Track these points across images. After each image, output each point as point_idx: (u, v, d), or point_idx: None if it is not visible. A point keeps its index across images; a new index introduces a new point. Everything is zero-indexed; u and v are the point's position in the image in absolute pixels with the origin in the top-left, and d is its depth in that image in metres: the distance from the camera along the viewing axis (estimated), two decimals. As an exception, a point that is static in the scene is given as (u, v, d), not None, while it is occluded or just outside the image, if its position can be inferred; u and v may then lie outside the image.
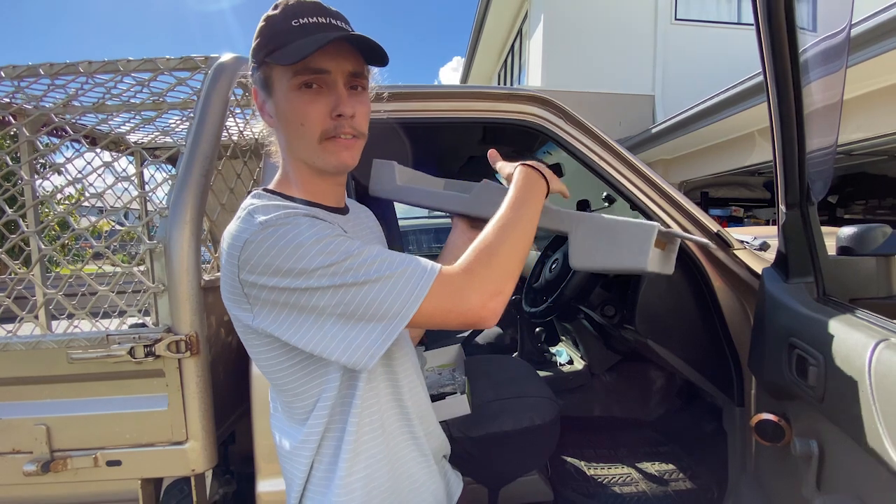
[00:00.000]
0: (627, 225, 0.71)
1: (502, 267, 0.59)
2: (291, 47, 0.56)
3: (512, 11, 8.16)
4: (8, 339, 0.92)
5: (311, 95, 0.59)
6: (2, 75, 1.23)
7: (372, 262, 0.54)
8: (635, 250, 0.70)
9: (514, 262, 0.60)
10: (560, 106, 1.26)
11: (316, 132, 0.60)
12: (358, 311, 0.54)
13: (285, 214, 0.55)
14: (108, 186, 1.13)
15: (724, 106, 4.20)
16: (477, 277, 0.57)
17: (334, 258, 0.53)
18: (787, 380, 0.87)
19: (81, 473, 0.94)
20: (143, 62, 1.18)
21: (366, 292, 0.53)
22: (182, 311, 0.89)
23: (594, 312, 1.75)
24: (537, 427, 1.43)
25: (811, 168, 0.84)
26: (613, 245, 0.72)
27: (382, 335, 0.54)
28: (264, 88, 0.62)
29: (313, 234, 0.54)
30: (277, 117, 0.62)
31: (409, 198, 0.87)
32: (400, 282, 0.54)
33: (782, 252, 0.96)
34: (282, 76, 0.59)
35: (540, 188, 0.68)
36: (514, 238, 0.61)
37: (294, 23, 0.57)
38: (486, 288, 0.57)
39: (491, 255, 0.59)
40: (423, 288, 0.54)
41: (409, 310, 0.54)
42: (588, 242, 0.74)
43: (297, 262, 0.53)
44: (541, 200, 0.68)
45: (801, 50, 0.76)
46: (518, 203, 0.65)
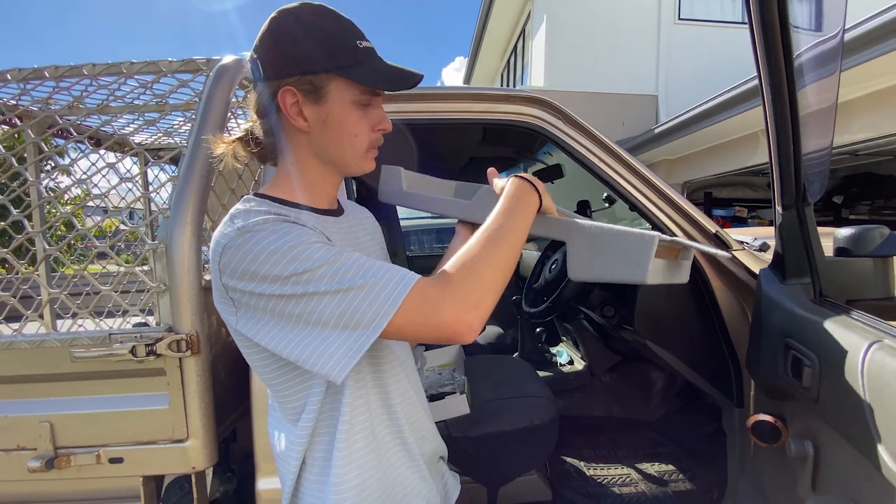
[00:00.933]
0: (626, 235, 0.68)
1: (481, 280, 0.57)
2: (377, 71, 0.62)
3: (514, 12, 8.16)
4: (13, 337, 0.94)
5: (365, 111, 0.64)
6: (8, 78, 1.24)
7: (346, 270, 0.54)
8: (634, 262, 0.67)
9: (495, 275, 0.58)
10: (559, 107, 1.27)
11: (365, 144, 0.65)
12: (331, 321, 0.53)
13: (263, 220, 0.56)
14: (111, 187, 1.15)
15: (728, 106, 4.18)
16: (453, 289, 0.55)
17: (308, 265, 0.53)
18: (783, 380, 0.87)
19: (84, 470, 0.95)
20: (147, 64, 1.19)
21: (338, 301, 0.53)
22: (183, 310, 0.91)
23: (594, 313, 1.76)
24: (536, 427, 1.43)
25: (807, 169, 0.85)
26: (612, 256, 0.69)
27: (353, 347, 0.53)
28: (311, 94, 0.61)
29: (289, 240, 0.54)
30: (323, 124, 0.63)
31: (414, 203, 0.87)
32: (373, 292, 0.53)
33: (779, 253, 0.96)
34: (346, 90, 0.62)
35: (530, 200, 0.67)
36: (497, 250, 0.60)
37: (360, 44, 0.62)
38: (462, 301, 0.55)
39: (471, 266, 0.57)
40: (396, 298, 0.53)
41: (380, 321, 0.53)
42: (586, 253, 0.71)
43: (271, 267, 0.53)
44: (531, 213, 0.67)
45: (796, 54, 0.76)
46: (505, 213, 0.64)
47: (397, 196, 0.88)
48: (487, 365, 1.78)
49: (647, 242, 0.67)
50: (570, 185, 2.20)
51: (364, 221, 0.80)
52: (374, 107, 0.65)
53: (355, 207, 0.82)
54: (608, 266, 0.69)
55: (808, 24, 0.80)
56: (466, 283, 0.56)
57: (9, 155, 1.11)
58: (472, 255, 0.59)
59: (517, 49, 8.77)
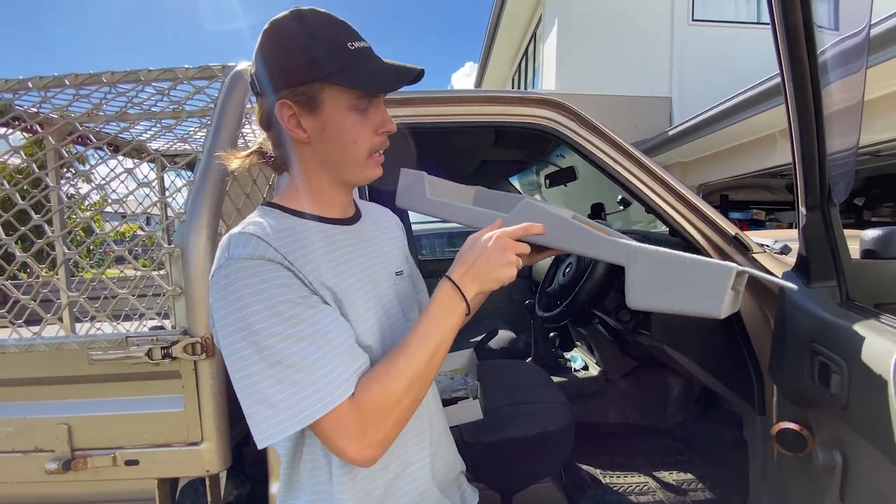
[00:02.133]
0: (699, 264, 0.63)
1: (398, 415, 0.58)
2: (368, 74, 0.59)
3: (525, 16, 8.16)
4: (32, 340, 0.95)
5: (364, 116, 0.62)
6: (29, 85, 1.27)
7: (289, 357, 0.54)
8: (707, 294, 0.62)
9: (409, 404, 0.59)
10: (573, 109, 1.25)
11: (366, 150, 0.63)
12: (257, 394, 0.55)
13: (250, 256, 0.56)
14: (129, 192, 1.16)
15: (745, 107, 4.12)
16: (362, 427, 0.56)
17: (260, 328, 0.54)
18: (809, 387, 0.84)
19: (101, 472, 0.96)
20: (164, 72, 1.21)
21: (269, 382, 0.54)
22: (198, 313, 0.91)
23: (609, 317, 1.73)
24: (551, 433, 1.41)
25: (832, 169, 0.82)
26: (681, 286, 0.64)
27: (277, 426, 0.54)
28: (306, 105, 0.60)
29: (260, 290, 0.55)
30: (321, 134, 0.62)
31: (440, 213, 0.81)
32: (300, 393, 0.54)
33: (803, 255, 0.93)
34: (339, 97, 0.60)
35: (455, 311, 0.62)
36: (415, 376, 0.58)
37: (350, 46, 0.59)
38: (369, 441, 0.56)
39: (388, 399, 0.57)
40: (315, 412, 0.54)
41: (295, 424, 0.54)
42: (649, 280, 0.66)
43: (233, 313, 0.55)
44: (455, 322, 0.62)
45: (820, 51, 0.74)
46: (425, 332, 0.60)
47: (419, 203, 0.83)
48: (500, 370, 1.76)
49: (725, 273, 0.62)
50: (583, 187, 2.18)
51: (384, 224, 0.79)
52: (374, 109, 0.63)
53: (376, 210, 0.81)
54: (676, 296, 0.64)
55: (832, 19, 0.78)
56: (380, 418, 0.56)
57: (30, 161, 1.14)
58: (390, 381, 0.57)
59: (528, 53, 8.77)
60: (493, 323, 2.43)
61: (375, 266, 0.71)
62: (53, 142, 1.26)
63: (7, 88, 1.26)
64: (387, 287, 0.71)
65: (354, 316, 0.63)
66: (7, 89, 1.27)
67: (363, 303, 0.65)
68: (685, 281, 0.64)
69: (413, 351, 0.59)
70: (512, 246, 0.64)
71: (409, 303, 0.76)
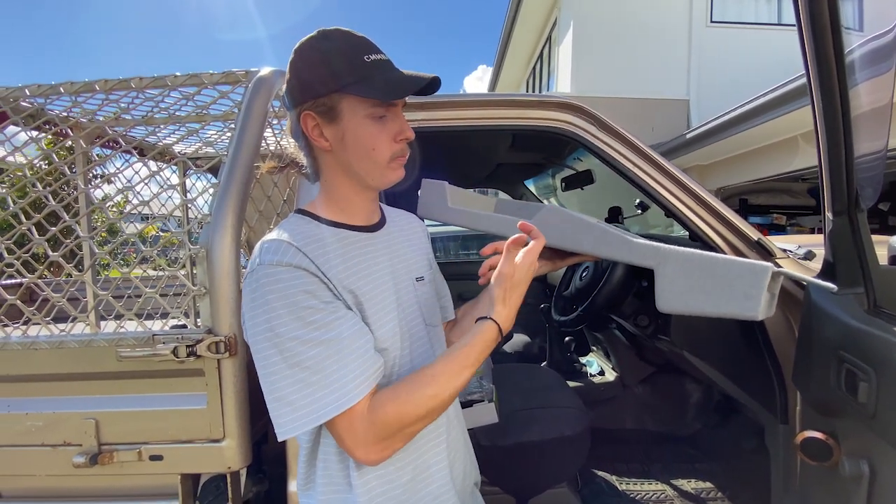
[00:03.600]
0: (733, 264, 0.62)
1: (408, 428, 0.60)
2: (381, 83, 0.62)
3: (541, 19, 8.15)
4: (63, 336, 0.99)
5: (382, 124, 0.65)
6: (61, 91, 1.32)
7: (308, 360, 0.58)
8: (743, 295, 0.61)
9: (422, 422, 0.61)
10: (592, 112, 1.25)
11: (386, 156, 0.66)
12: (276, 392, 0.58)
13: (279, 262, 0.60)
14: (154, 195, 1.20)
15: (766, 109, 4.04)
16: (376, 438, 0.59)
17: (281, 332, 0.58)
18: (835, 396, 0.82)
19: (126, 467, 0.98)
20: (190, 77, 1.24)
21: (288, 381, 0.58)
22: (222, 312, 0.93)
23: (627, 322, 1.71)
24: (567, 438, 1.40)
25: (860, 173, 0.80)
26: (715, 287, 0.62)
27: (296, 421, 0.58)
28: (327, 115, 0.64)
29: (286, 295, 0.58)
30: (342, 142, 0.65)
31: (462, 221, 0.83)
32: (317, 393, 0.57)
33: (829, 261, 0.91)
34: (356, 106, 0.64)
35: (491, 344, 0.65)
36: (437, 400, 0.61)
37: (366, 58, 0.63)
38: (377, 447, 0.59)
39: (404, 415, 0.59)
40: (329, 412, 0.57)
41: (311, 421, 0.58)
42: (681, 282, 0.65)
43: (261, 315, 0.59)
44: (486, 353, 0.65)
45: (847, 51, 0.73)
46: (462, 364, 0.63)
47: (441, 212, 0.85)
48: (516, 373, 1.76)
49: (761, 273, 0.61)
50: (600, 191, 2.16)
51: (408, 230, 0.81)
52: (392, 118, 0.66)
53: (400, 216, 0.83)
54: (709, 298, 0.63)
55: (860, 19, 0.76)
56: (391, 433, 0.59)
57: (62, 164, 1.18)
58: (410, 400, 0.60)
59: (543, 55, 8.74)
60: (508, 326, 2.42)
61: (397, 272, 0.73)
62: (83, 145, 1.30)
63: (40, 93, 1.31)
64: (408, 293, 0.73)
65: (374, 319, 0.65)
66: (40, 94, 1.31)
67: (383, 307, 0.67)
68: (719, 282, 0.62)
69: (444, 383, 0.61)
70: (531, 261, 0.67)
71: (429, 308, 0.77)
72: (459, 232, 4.42)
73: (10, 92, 1.30)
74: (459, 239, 4.50)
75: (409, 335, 0.71)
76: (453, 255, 4.43)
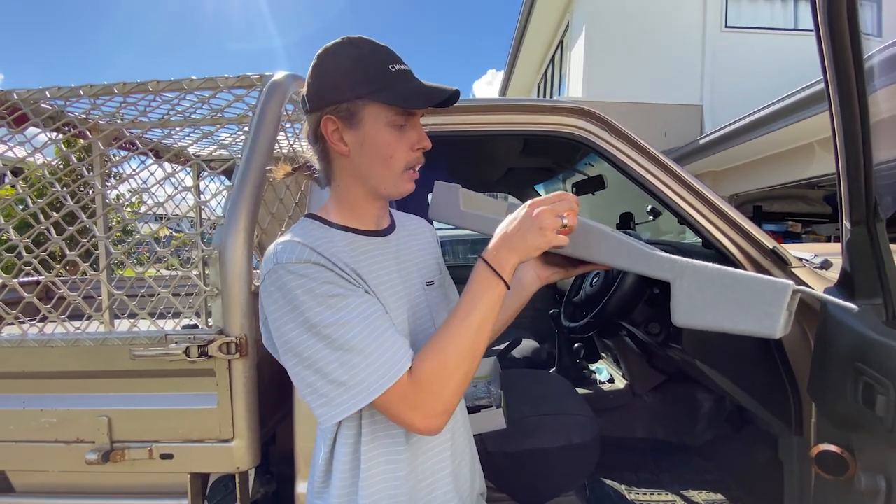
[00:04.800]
0: (752, 281, 0.60)
1: (454, 387, 0.60)
2: (405, 92, 0.64)
3: (552, 23, 8.15)
4: (78, 335, 1.00)
5: (401, 132, 0.66)
6: (81, 93, 1.34)
7: (349, 339, 0.58)
8: (762, 313, 0.59)
9: (462, 376, 0.61)
10: (604, 118, 1.24)
11: (402, 164, 0.67)
12: (326, 377, 0.59)
13: (296, 261, 0.60)
14: (169, 196, 1.22)
15: (782, 115, 3.99)
16: (424, 398, 0.60)
17: (317, 320, 0.58)
18: (852, 408, 0.81)
19: (137, 465, 0.99)
20: (205, 81, 1.26)
21: (335, 364, 0.58)
22: (234, 313, 0.94)
23: (637, 330, 1.70)
24: (576, 446, 1.39)
25: (879, 181, 0.79)
26: (733, 304, 0.61)
27: (342, 405, 0.59)
28: (348, 120, 0.65)
29: (310, 289, 0.59)
30: (360, 147, 0.66)
31: (475, 225, 0.82)
32: (367, 368, 0.58)
33: (847, 271, 0.89)
34: (379, 113, 0.64)
35: (492, 288, 0.63)
36: (463, 350, 0.61)
37: (391, 68, 0.64)
38: (432, 410, 0.60)
39: (443, 371, 0.60)
40: (380, 387, 0.58)
41: (362, 399, 0.58)
42: (698, 297, 0.64)
43: (292, 311, 0.59)
44: (495, 299, 0.63)
45: (866, 57, 0.72)
46: (467, 310, 0.63)
47: (453, 215, 0.84)
48: (524, 380, 1.74)
49: (781, 291, 0.59)
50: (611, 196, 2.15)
51: (417, 234, 0.82)
52: (411, 127, 0.67)
53: (410, 220, 0.84)
54: (727, 314, 0.62)
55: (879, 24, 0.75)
56: (437, 389, 0.60)
57: (81, 165, 1.20)
58: (441, 355, 0.61)
59: (555, 60, 8.73)
60: (517, 332, 2.41)
61: (407, 276, 0.73)
62: (101, 147, 1.32)
63: (60, 95, 1.34)
64: (418, 297, 0.74)
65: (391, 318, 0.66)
66: (60, 96, 1.34)
67: (394, 309, 0.68)
68: (737, 298, 0.61)
69: (457, 328, 0.62)
70: (545, 212, 0.64)
71: (439, 312, 0.77)
72: (469, 235, 4.42)
73: (30, 94, 1.33)
74: (469, 243, 4.50)
75: (418, 339, 0.71)
76: (462, 259, 4.43)
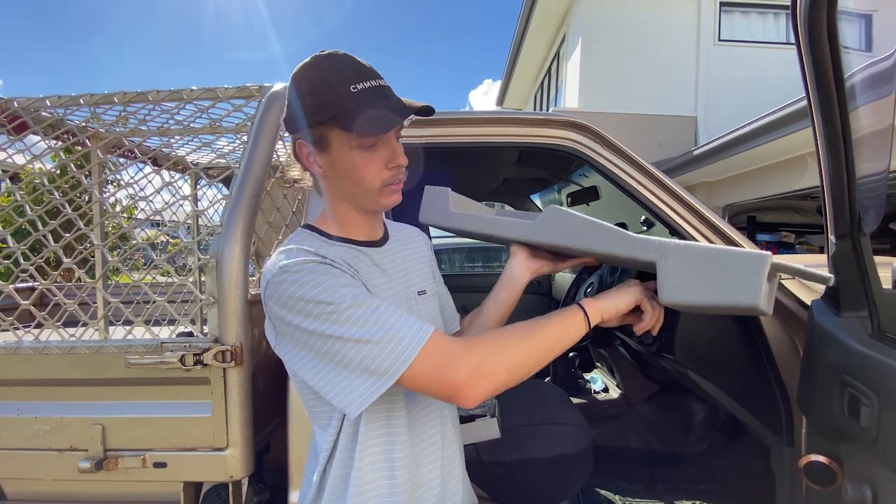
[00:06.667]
0: (732, 254, 0.62)
1: (502, 356, 0.60)
2: (364, 119, 0.61)
3: (549, 35, 8.25)
4: (74, 342, 1.01)
5: (371, 153, 0.65)
6: (80, 102, 1.36)
7: (369, 318, 0.58)
8: (744, 283, 0.61)
9: (515, 360, 0.60)
10: (597, 131, 1.27)
11: (376, 184, 0.67)
12: (351, 364, 0.58)
13: (302, 262, 0.61)
14: (167, 205, 1.23)
15: (775, 127, 4.04)
16: (472, 353, 0.59)
17: (335, 308, 0.58)
18: (839, 419, 0.82)
19: (130, 473, 0.99)
20: (205, 91, 1.28)
21: (359, 348, 0.57)
22: (229, 322, 0.95)
23: (631, 339, 1.71)
24: (569, 455, 1.39)
25: (862, 195, 0.81)
26: (716, 278, 0.62)
27: (370, 389, 0.58)
28: (318, 144, 0.65)
29: (321, 281, 0.59)
30: (333, 170, 0.67)
31: (465, 226, 0.82)
32: (392, 342, 0.57)
33: (832, 285, 0.91)
34: (343, 138, 0.64)
35: (578, 331, 0.67)
36: (528, 344, 0.62)
37: (352, 89, 0.61)
38: (478, 367, 0.58)
39: (498, 341, 0.61)
40: (413, 349, 0.57)
41: (398, 368, 0.57)
42: (683, 274, 0.65)
43: (304, 305, 0.59)
44: (573, 338, 0.67)
45: (847, 75, 0.74)
46: (553, 324, 0.65)
47: (443, 217, 0.85)
48: (519, 389, 1.75)
49: (761, 261, 0.61)
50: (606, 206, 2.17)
51: (411, 244, 0.82)
52: (383, 145, 0.66)
53: (403, 230, 0.85)
54: (711, 289, 0.63)
55: (859, 43, 0.78)
56: (487, 352, 0.59)
57: (80, 173, 1.21)
58: (502, 334, 0.62)
59: (551, 71, 8.83)
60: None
61: (398, 287, 0.74)
62: (101, 155, 1.34)
63: (60, 104, 1.35)
64: (409, 307, 0.75)
65: None
66: (60, 105, 1.36)
67: None
68: (720, 273, 0.63)
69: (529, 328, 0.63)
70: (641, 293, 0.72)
71: (432, 322, 0.78)
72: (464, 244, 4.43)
73: (31, 102, 1.34)
74: (465, 251, 4.51)
75: None
76: (458, 268, 4.43)
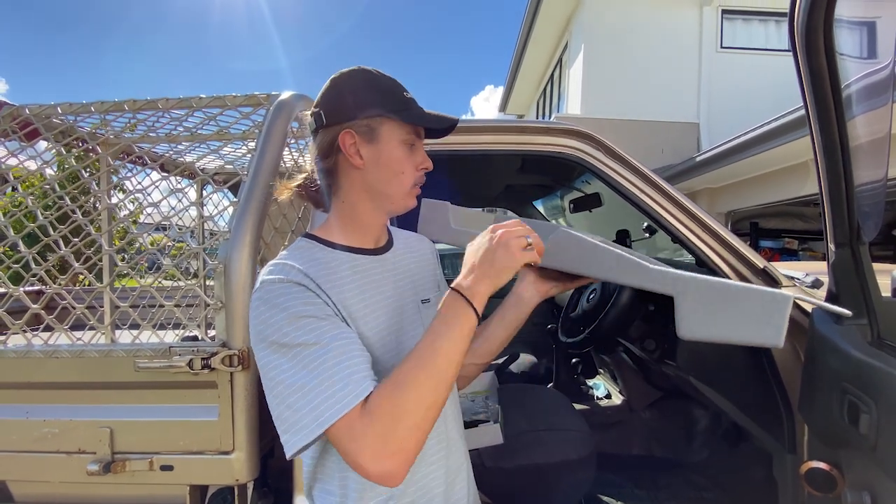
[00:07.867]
0: (753, 293, 0.63)
1: (408, 419, 0.55)
2: (419, 113, 0.71)
3: (552, 42, 8.30)
4: (83, 346, 1.02)
5: (411, 152, 0.72)
6: (91, 109, 1.38)
7: (311, 362, 0.57)
8: (765, 323, 0.62)
9: (423, 411, 0.56)
10: (600, 139, 1.28)
11: (410, 181, 0.73)
12: (285, 401, 0.58)
13: (280, 280, 0.63)
14: (176, 212, 1.25)
15: (777, 134, 4.05)
16: (374, 430, 0.54)
17: (283, 343, 0.59)
18: (839, 426, 0.83)
19: (137, 476, 1.00)
20: (214, 99, 1.30)
21: (293, 389, 0.57)
22: (237, 327, 0.96)
23: (634, 346, 1.72)
24: (572, 462, 1.40)
25: (861, 204, 0.82)
26: (736, 316, 0.63)
27: (298, 434, 0.56)
28: (367, 135, 0.69)
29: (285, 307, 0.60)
30: (376, 162, 0.70)
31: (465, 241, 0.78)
32: (318, 397, 0.56)
33: (833, 292, 0.92)
34: (395, 131, 0.70)
35: (462, 316, 0.61)
36: (426, 380, 0.57)
37: (405, 94, 0.71)
38: (383, 447, 0.54)
39: (397, 400, 0.55)
40: (329, 417, 0.55)
41: (312, 432, 0.55)
42: (702, 309, 0.65)
43: (263, 329, 0.61)
44: (466, 330, 0.61)
45: (844, 83, 0.75)
46: (432, 339, 0.60)
47: (442, 232, 0.85)
48: (522, 394, 1.76)
49: (783, 302, 0.61)
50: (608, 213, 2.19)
51: (416, 251, 0.84)
52: (418, 148, 0.73)
53: (408, 237, 0.86)
54: (731, 326, 0.64)
55: (856, 52, 0.79)
56: (389, 424, 0.54)
57: (91, 181, 1.23)
58: (398, 387, 0.56)
59: (554, 78, 8.87)
60: (514, 347, 2.43)
61: (402, 295, 0.75)
62: (111, 161, 1.36)
63: (71, 111, 1.38)
64: (412, 315, 0.75)
65: (376, 339, 0.67)
66: (71, 112, 1.38)
67: (386, 328, 0.70)
68: (741, 311, 0.64)
69: (421, 359, 0.58)
70: (506, 233, 0.65)
71: None
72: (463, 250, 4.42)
73: (42, 109, 1.37)
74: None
75: None
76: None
